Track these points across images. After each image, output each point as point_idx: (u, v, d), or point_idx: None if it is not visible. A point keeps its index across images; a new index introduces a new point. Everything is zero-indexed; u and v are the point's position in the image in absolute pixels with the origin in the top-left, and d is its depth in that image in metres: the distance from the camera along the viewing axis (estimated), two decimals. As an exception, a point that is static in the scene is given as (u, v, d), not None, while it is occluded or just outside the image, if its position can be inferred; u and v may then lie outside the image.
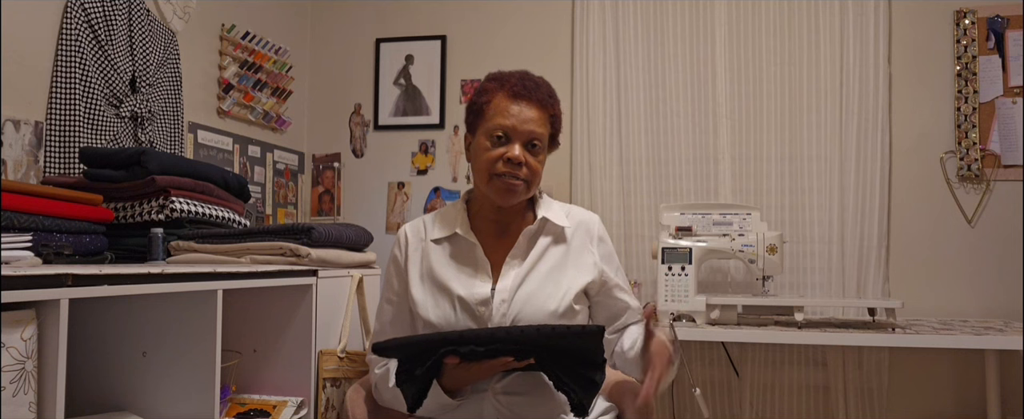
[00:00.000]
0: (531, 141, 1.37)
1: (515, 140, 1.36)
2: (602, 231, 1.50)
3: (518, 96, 1.38)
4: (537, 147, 1.38)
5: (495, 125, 1.37)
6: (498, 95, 1.40)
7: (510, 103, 1.37)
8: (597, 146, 2.93)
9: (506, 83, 1.41)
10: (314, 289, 1.78)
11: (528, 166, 1.36)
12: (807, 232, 2.77)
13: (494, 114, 1.38)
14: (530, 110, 1.37)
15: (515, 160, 1.34)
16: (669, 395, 2.80)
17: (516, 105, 1.37)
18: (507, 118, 1.36)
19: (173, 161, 1.87)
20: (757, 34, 2.84)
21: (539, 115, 1.38)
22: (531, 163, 1.37)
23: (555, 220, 1.44)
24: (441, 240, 1.46)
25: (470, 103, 1.45)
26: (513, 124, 1.35)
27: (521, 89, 1.39)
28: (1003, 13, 2.67)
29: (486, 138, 1.38)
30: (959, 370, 2.68)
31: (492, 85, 1.43)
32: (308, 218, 3.27)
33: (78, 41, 1.96)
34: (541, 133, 1.38)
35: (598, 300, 1.47)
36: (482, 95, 1.43)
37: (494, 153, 1.36)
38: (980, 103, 2.68)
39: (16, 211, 1.42)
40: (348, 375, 1.81)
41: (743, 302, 2.42)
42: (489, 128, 1.38)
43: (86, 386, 1.42)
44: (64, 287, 1.05)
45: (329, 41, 3.29)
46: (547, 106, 1.40)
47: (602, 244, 1.48)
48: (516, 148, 1.35)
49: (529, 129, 1.36)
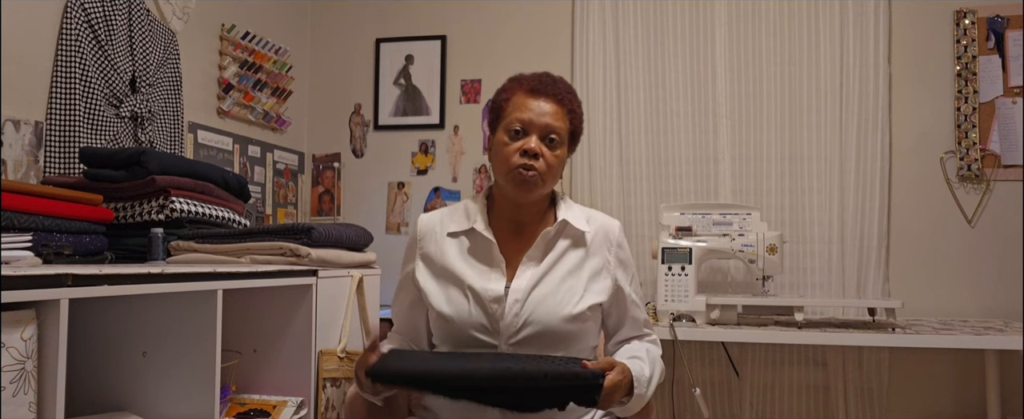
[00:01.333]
0: (548, 135, 1.39)
1: (532, 133, 1.38)
2: (622, 238, 1.48)
3: (536, 92, 1.41)
4: (555, 141, 1.39)
5: (513, 120, 1.39)
6: (517, 92, 1.42)
7: (528, 98, 1.40)
8: (597, 146, 2.93)
9: (525, 81, 1.44)
10: (314, 289, 1.78)
11: (545, 159, 1.37)
12: (807, 232, 2.77)
13: (513, 110, 1.40)
14: (547, 104, 1.40)
15: (531, 151, 1.36)
16: (669, 395, 2.80)
17: (534, 100, 1.40)
18: (524, 112, 1.38)
19: (173, 161, 1.87)
20: (757, 34, 2.84)
21: (557, 109, 1.40)
22: (547, 156, 1.38)
23: (575, 223, 1.43)
24: (457, 234, 1.45)
25: (491, 103, 1.47)
26: (530, 118, 1.38)
27: (539, 85, 1.42)
28: (1003, 13, 2.67)
29: (505, 133, 1.40)
30: (959, 370, 2.68)
31: (511, 84, 1.45)
32: (308, 218, 3.27)
33: (78, 41, 1.96)
34: (559, 127, 1.40)
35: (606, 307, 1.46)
36: (502, 93, 1.45)
37: (512, 146, 1.38)
38: (980, 103, 2.68)
39: (16, 211, 1.42)
40: (348, 375, 1.81)
41: (743, 302, 2.42)
42: (508, 123, 1.40)
43: (86, 386, 1.42)
44: (64, 287, 1.05)
45: (329, 41, 3.29)
46: (565, 101, 1.43)
47: (620, 250, 1.47)
48: (532, 140, 1.37)
49: (546, 122, 1.38)
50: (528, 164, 1.36)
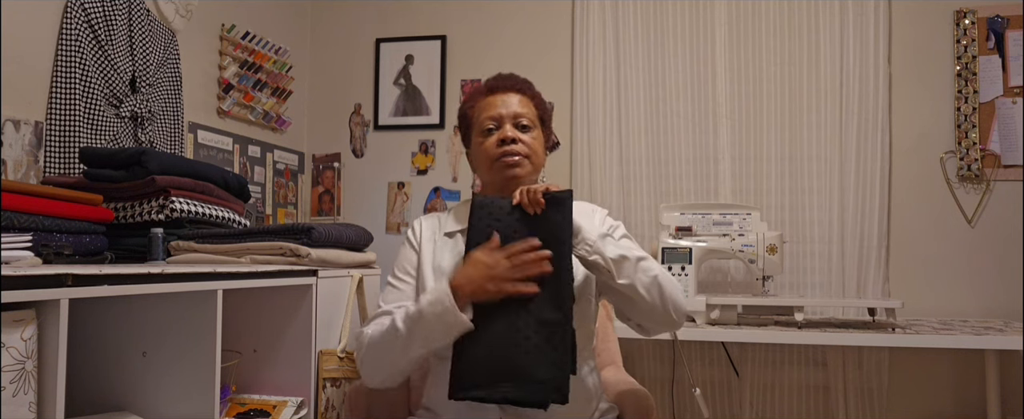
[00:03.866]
0: (518, 122, 1.46)
1: (504, 124, 1.45)
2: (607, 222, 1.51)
3: (495, 89, 1.50)
4: (527, 127, 1.47)
5: (483, 119, 1.47)
6: (478, 98, 1.51)
7: (489, 97, 1.49)
8: (597, 146, 2.93)
9: (481, 88, 1.53)
10: (314, 289, 1.78)
11: (522, 141, 1.44)
12: (807, 232, 2.77)
13: (479, 112, 1.49)
14: (509, 96, 1.48)
15: (507, 138, 1.43)
16: (669, 395, 2.80)
17: (495, 96, 1.49)
18: (491, 109, 1.47)
19: (173, 161, 1.87)
20: (757, 34, 2.84)
21: (519, 98, 1.49)
22: (524, 139, 1.45)
23: None
24: (454, 233, 1.48)
25: (459, 117, 1.56)
26: (498, 112, 1.46)
27: (496, 82, 1.51)
28: (1003, 13, 2.67)
29: (479, 134, 1.48)
30: (959, 370, 2.68)
31: (471, 94, 1.55)
32: (308, 218, 3.27)
33: (78, 41, 1.96)
34: (525, 112, 1.47)
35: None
36: (465, 104, 1.54)
37: (489, 141, 1.45)
38: (980, 103, 2.68)
39: (16, 211, 1.42)
40: (348, 375, 1.81)
41: (743, 302, 2.42)
42: (479, 125, 1.48)
43: (86, 386, 1.42)
44: (64, 287, 1.05)
45: (329, 41, 3.29)
46: (525, 90, 1.51)
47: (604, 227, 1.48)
48: (507, 128, 1.44)
49: (514, 111, 1.46)
50: (508, 149, 1.42)
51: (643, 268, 1.31)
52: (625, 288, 1.30)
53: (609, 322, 1.86)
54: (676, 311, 1.34)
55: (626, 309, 1.38)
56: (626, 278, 1.29)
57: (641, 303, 1.32)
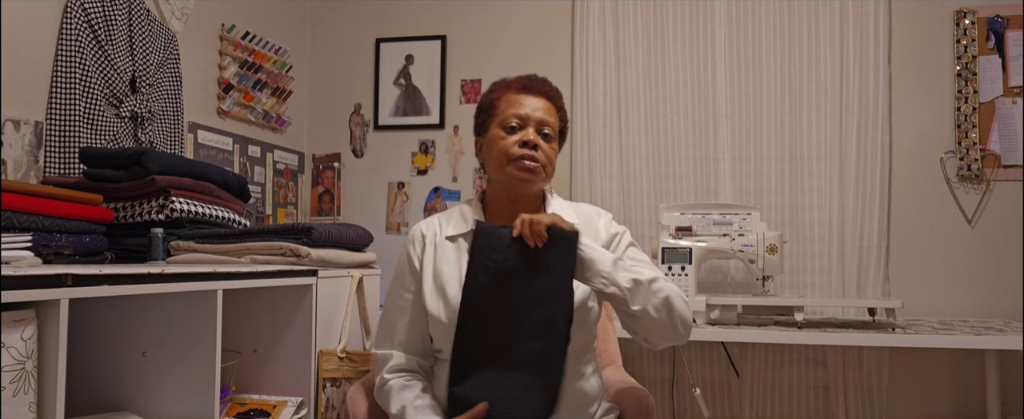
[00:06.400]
0: (542, 129, 1.43)
1: (528, 126, 1.42)
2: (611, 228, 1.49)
3: (527, 89, 1.46)
4: (549, 136, 1.44)
5: (508, 115, 1.43)
6: (507, 91, 1.47)
7: (520, 95, 1.45)
8: (597, 146, 2.93)
9: (512, 83, 1.48)
10: (314, 289, 1.78)
11: (542, 150, 1.41)
12: (807, 232, 2.77)
13: (506, 107, 1.44)
14: (539, 100, 1.45)
15: (530, 142, 1.40)
16: (669, 395, 2.80)
17: (526, 97, 1.45)
18: (519, 108, 1.43)
19: (173, 161, 1.87)
20: (757, 34, 2.84)
21: (547, 105, 1.46)
22: (545, 148, 1.42)
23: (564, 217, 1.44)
24: (455, 237, 1.46)
25: (479, 105, 1.52)
26: (526, 112, 1.43)
27: (528, 83, 1.47)
28: (1003, 13, 2.67)
29: (500, 128, 1.43)
30: (959, 370, 2.68)
31: (499, 85, 1.50)
32: (308, 218, 3.27)
33: (78, 41, 1.96)
34: (551, 122, 1.45)
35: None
36: (491, 93, 1.50)
37: (511, 139, 1.41)
38: (980, 103, 2.68)
39: (16, 211, 1.42)
40: (348, 375, 1.81)
41: (743, 302, 2.42)
42: (502, 119, 1.44)
43: (86, 386, 1.42)
44: (64, 287, 1.05)
45: (329, 41, 3.29)
46: (554, 98, 1.48)
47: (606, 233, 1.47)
48: (530, 131, 1.41)
49: (540, 117, 1.43)
50: (530, 154, 1.39)
51: (654, 290, 1.31)
52: (638, 312, 1.30)
53: (609, 322, 1.86)
54: (684, 326, 1.35)
55: (633, 326, 1.37)
56: (639, 304, 1.29)
57: (650, 322, 1.32)
